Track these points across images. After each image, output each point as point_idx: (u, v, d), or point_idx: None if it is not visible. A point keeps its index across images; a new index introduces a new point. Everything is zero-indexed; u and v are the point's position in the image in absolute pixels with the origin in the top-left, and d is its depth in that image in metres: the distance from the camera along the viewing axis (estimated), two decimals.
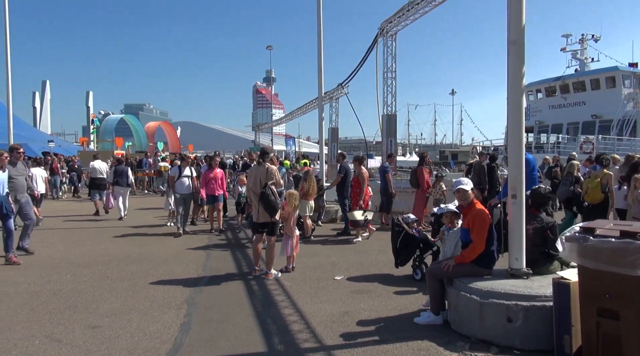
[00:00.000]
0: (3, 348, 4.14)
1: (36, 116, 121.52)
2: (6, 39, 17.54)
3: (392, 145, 18.60)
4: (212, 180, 10.61)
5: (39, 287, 6.07)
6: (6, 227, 7.48)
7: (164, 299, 5.58)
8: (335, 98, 27.51)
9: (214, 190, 10.58)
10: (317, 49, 13.81)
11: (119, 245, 8.97)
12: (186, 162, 10.65)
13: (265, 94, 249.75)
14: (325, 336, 4.45)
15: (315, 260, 7.80)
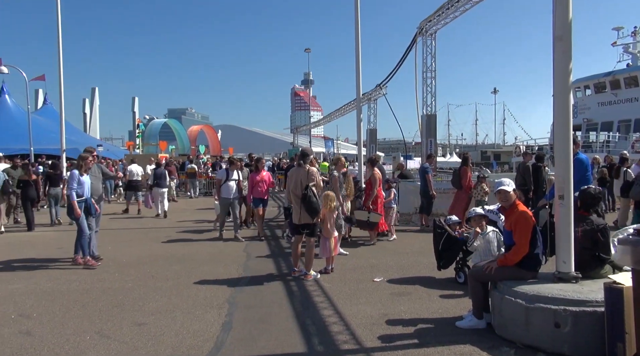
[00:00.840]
0: (57, 342, 4.35)
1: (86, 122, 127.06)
2: (59, 49, 18.46)
3: (432, 146, 18.32)
4: (259, 183, 10.11)
5: (89, 285, 6.35)
6: (81, 228, 7.57)
7: (206, 298, 5.71)
8: (373, 100, 27.37)
9: (261, 194, 10.12)
10: (355, 50, 13.77)
11: (163, 245, 9.25)
12: (235, 165, 10.44)
13: (304, 96, 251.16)
14: (365, 338, 4.42)
15: (354, 261, 7.77)
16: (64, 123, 19.75)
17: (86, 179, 7.57)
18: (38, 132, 32.11)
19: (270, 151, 70.91)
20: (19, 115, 44.18)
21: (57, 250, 8.76)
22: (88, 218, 7.60)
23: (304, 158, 6.87)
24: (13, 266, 7.46)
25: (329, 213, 7.04)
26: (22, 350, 4.16)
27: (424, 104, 18.50)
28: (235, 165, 10.48)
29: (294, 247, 6.91)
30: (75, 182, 7.37)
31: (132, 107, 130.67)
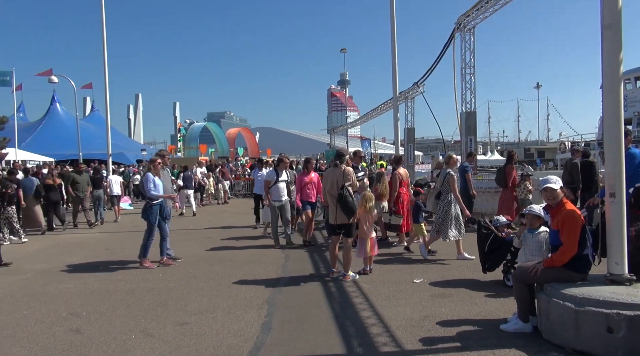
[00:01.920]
0: (104, 340, 4.50)
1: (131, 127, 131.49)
2: (104, 59, 19.22)
3: (472, 144, 17.85)
4: (307, 184, 9.45)
5: (134, 285, 6.55)
6: (163, 231, 7.85)
7: (246, 299, 5.77)
8: (410, 98, 26.99)
9: (310, 196, 9.49)
10: (391, 48, 13.65)
11: (204, 246, 9.43)
12: (284, 163, 9.65)
13: (340, 97, 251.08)
14: (405, 341, 4.34)
15: (393, 262, 7.67)
16: (109, 129, 20.56)
17: (160, 182, 7.71)
18: (86, 137, 33.56)
19: (308, 152, 71.25)
20: (69, 122, 46.42)
21: (104, 251, 9.10)
22: (162, 221, 7.76)
23: (340, 158, 6.84)
24: (63, 266, 7.78)
25: (365, 213, 6.97)
26: (72, 348, 4.33)
27: (463, 101, 18.08)
28: (285, 164, 9.71)
29: (331, 248, 6.89)
30: (152, 183, 7.54)
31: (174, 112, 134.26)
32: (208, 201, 19.72)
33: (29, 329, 4.84)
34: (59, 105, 54.83)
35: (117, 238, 10.81)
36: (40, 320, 5.11)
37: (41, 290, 6.35)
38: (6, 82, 31.25)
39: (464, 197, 10.66)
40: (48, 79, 27.24)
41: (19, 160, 28.59)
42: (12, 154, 30.80)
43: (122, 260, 8.21)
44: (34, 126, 50.88)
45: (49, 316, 5.23)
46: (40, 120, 53.55)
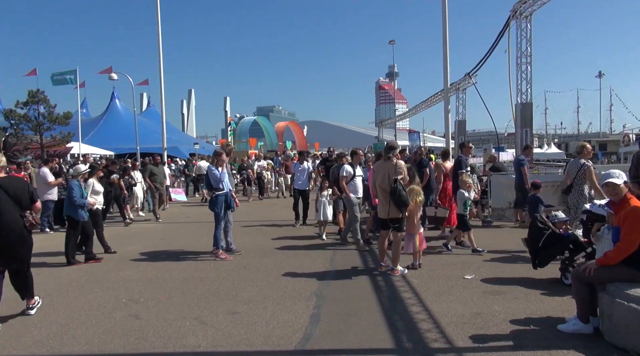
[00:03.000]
0: (161, 326, 4.71)
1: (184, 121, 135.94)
2: (159, 56, 19.95)
3: (528, 136, 17.16)
4: None
5: (188, 274, 6.79)
6: (227, 222, 7.99)
7: (295, 290, 5.85)
8: (462, 89, 26.27)
9: None
10: (442, 38, 13.30)
11: (253, 239, 9.63)
12: (358, 157, 9.01)
13: (388, 90, 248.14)
14: (456, 337, 4.25)
15: (443, 257, 7.53)
16: (164, 123, 21.37)
17: (225, 174, 7.88)
18: (143, 132, 35.02)
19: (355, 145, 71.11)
20: (127, 118, 48.61)
21: (160, 241, 9.49)
22: (227, 212, 7.95)
23: (391, 151, 6.76)
24: (123, 255, 8.17)
25: (416, 208, 6.87)
26: (131, 332, 4.56)
27: (519, 92, 17.38)
28: (359, 157, 9.04)
29: (381, 242, 6.84)
30: (217, 175, 7.72)
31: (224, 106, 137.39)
32: (267, 195, 19.33)
33: (92, 313, 5.14)
34: (118, 101, 57.57)
35: (172, 229, 11.25)
36: (102, 305, 5.41)
37: (103, 277, 6.72)
38: (71, 80, 33.14)
39: (519, 191, 10.30)
40: (108, 76, 28.65)
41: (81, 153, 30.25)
42: (75, 148, 32.67)
43: (177, 250, 8.54)
44: (95, 121, 53.71)
45: (110, 302, 5.53)
46: (101, 116, 56.47)
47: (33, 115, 31.62)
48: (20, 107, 32.01)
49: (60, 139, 33.01)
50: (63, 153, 28.62)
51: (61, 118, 32.92)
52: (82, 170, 8.22)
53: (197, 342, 4.29)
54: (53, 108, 32.43)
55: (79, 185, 7.66)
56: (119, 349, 4.18)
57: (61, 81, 32.84)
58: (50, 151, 26.89)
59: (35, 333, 4.55)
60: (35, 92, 31.60)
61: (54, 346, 4.25)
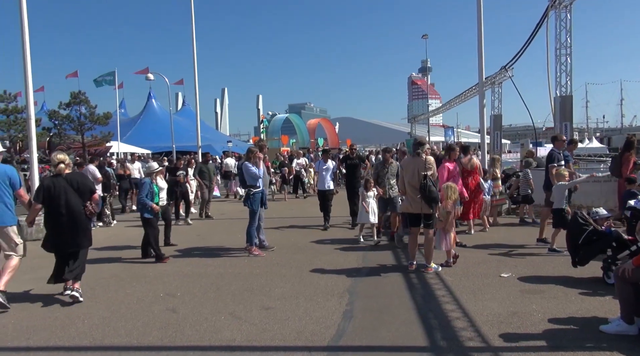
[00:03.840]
0: (197, 320, 4.82)
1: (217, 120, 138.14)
2: (194, 56, 20.33)
3: (567, 131, 16.57)
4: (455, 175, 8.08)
5: (223, 270, 6.92)
6: (260, 220, 8.05)
7: (327, 287, 5.86)
8: (497, 83, 25.62)
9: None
10: (477, 31, 12.99)
11: (286, 235, 9.71)
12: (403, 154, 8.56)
13: (421, 85, 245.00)
14: (492, 337, 4.17)
15: (478, 255, 7.38)
16: (199, 122, 21.79)
17: (260, 171, 7.90)
18: (178, 131, 35.83)
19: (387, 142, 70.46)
20: (163, 117, 49.85)
21: (195, 237, 9.70)
22: (260, 209, 8.01)
23: (420, 147, 6.67)
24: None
25: (452, 205, 6.76)
26: (169, 325, 4.69)
27: (558, 85, 16.80)
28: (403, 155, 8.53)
29: (412, 239, 6.76)
30: (253, 172, 7.80)
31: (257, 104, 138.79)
32: (310, 192, 18.34)
33: (132, 306, 5.31)
34: (154, 101, 59.08)
35: (207, 225, 11.47)
36: (141, 299, 5.58)
37: (141, 272, 6.92)
38: (110, 81, 34.28)
39: None
40: (145, 76, 29.45)
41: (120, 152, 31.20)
42: (115, 147, 33.74)
43: (212, 246, 8.71)
44: (133, 121, 55.32)
45: (149, 296, 5.70)
46: (138, 115, 58.10)
47: (75, 115, 32.83)
48: (63, 108, 33.31)
49: (100, 138, 34.15)
50: (103, 152, 29.62)
51: (101, 118, 34.07)
52: (155, 167, 8.17)
53: (232, 336, 4.37)
54: (94, 109, 33.62)
55: (150, 183, 7.73)
56: (157, 341, 4.30)
57: (102, 83, 34.04)
58: (91, 150, 27.85)
59: (79, 325, 4.74)
60: (77, 93, 32.80)
61: (97, 338, 4.42)
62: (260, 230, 8.16)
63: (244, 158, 8.53)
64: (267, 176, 8.59)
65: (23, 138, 28.50)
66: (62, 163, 5.55)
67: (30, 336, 4.49)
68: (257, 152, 8.00)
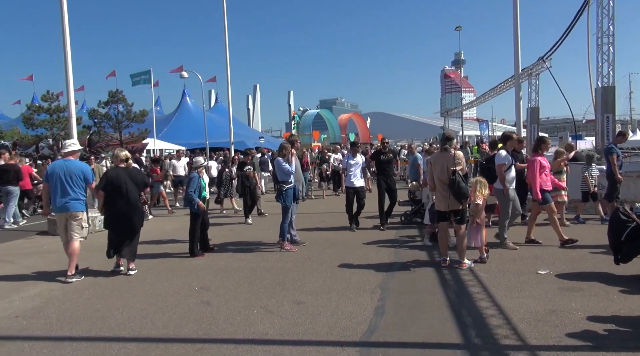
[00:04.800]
0: (230, 313, 4.90)
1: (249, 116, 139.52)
2: (226, 54, 20.60)
3: (610, 123, 15.92)
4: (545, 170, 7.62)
5: (255, 264, 7.01)
6: (292, 215, 8.06)
7: (359, 282, 5.85)
8: (534, 75, 24.85)
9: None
10: (513, 21, 12.63)
11: (317, 230, 9.73)
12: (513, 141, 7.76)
13: (454, 78, 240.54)
14: (529, 335, 4.06)
15: (513, 251, 7.19)
16: (231, 119, 22.09)
17: (292, 166, 7.94)
18: (212, 127, 36.42)
19: (420, 136, 69.62)
20: (197, 114, 50.80)
21: (228, 232, 9.86)
22: (293, 204, 8.04)
23: (448, 141, 6.54)
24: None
25: (483, 200, 6.62)
26: (203, 318, 4.79)
27: (599, 75, 16.13)
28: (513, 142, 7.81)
29: (441, 236, 6.65)
30: (286, 168, 7.85)
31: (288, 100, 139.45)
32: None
33: (168, 299, 5.45)
34: (188, 98, 60.25)
35: (240, 220, 11.62)
36: (177, 292, 5.72)
37: (177, 265, 7.09)
38: (146, 80, 35.18)
39: (608, 180, 9.55)
40: (179, 74, 30.06)
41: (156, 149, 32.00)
42: (151, 144, 34.62)
43: (244, 241, 8.83)
44: (168, 118, 56.61)
45: (184, 289, 5.83)
46: (173, 113, 59.40)
47: (113, 113, 33.84)
48: (102, 106, 34.42)
49: (137, 136, 35.11)
50: (140, 149, 30.46)
51: (138, 116, 35.02)
52: (201, 162, 8.29)
53: (265, 330, 4.42)
54: (131, 107, 34.61)
55: (199, 177, 7.83)
56: (192, 334, 4.40)
57: (139, 81, 35.03)
58: (128, 147, 28.63)
59: (118, 317, 4.90)
60: (115, 92, 33.85)
61: (135, 329, 4.56)
62: (292, 225, 8.20)
63: (277, 153, 8.56)
64: (300, 172, 8.61)
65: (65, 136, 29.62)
66: (127, 159, 6.91)
67: (73, 326, 4.67)
68: (290, 147, 8.03)
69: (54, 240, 9.45)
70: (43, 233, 10.27)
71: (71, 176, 6.45)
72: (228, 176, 12.65)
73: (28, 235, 10.27)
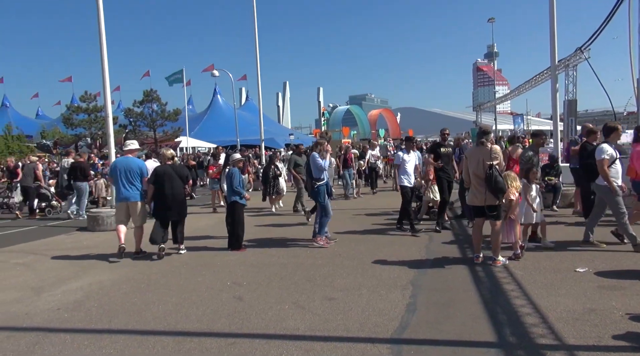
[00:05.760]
0: (262, 308, 4.96)
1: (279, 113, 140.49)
2: (256, 52, 20.78)
3: None
4: None
5: (286, 260, 7.06)
6: (327, 209, 8.02)
7: (390, 279, 5.81)
8: (572, 66, 24.03)
9: None
10: (549, 9, 12.23)
11: (348, 226, 9.69)
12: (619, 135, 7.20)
13: (487, 71, 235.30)
14: (566, 334, 3.94)
15: (549, 248, 6.99)
16: (262, 116, 22.29)
17: (326, 163, 8.01)
18: (243, 125, 36.89)
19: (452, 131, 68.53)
20: (228, 112, 51.55)
21: (259, 229, 9.96)
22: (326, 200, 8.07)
23: (485, 136, 6.41)
24: (226, 241, 8.64)
25: (514, 194, 6.45)
26: (236, 313, 4.86)
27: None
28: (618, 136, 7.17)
29: (476, 232, 6.52)
30: (321, 164, 7.91)
31: (317, 97, 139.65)
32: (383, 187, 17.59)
33: (202, 294, 5.56)
34: (219, 96, 61.14)
35: (271, 217, 11.73)
36: (210, 287, 5.83)
37: (210, 261, 7.22)
38: (179, 79, 35.93)
39: None
40: (211, 73, 30.57)
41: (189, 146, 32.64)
42: (184, 142, 35.34)
43: (275, 237, 8.91)
44: (200, 116, 57.67)
45: (217, 284, 5.94)
46: (205, 111, 60.43)
47: (148, 112, 34.67)
48: (137, 106, 35.34)
49: (170, 134, 35.88)
50: (173, 147, 31.19)
51: (171, 114, 35.78)
52: (238, 157, 8.45)
53: (296, 325, 4.45)
54: (164, 106, 35.41)
55: (239, 172, 8.02)
56: (225, 328, 4.48)
57: (174, 81, 35.88)
58: (162, 145, 29.35)
59: (154, 310, 5.03)
60: (149, 92, 34.70)
61: (170, 323, 4.67)
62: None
63: (312, 149, 8.52)
64: (332, 168, 8.61)
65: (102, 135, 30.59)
66: (172, 157, 7.95)
67: (112, 319, 4.83)
68: (326, 143, 8.05)
69: (93, 236, 9.81)
70: (82, 229, 10.65)
71: (130, 171, 7.58)
72: (273, 173, 12.39)
73: (69, 231, 10.67)
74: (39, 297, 5.66)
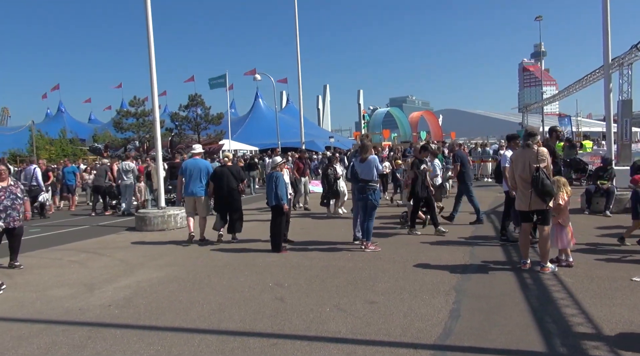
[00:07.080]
0: (303, 310, 4.98)
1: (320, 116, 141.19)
2: (297, 57, 20.99)
3: None
4: None
5: (327, 263, 7.07)
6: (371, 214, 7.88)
7: (433, 283, 5.71)
8: (627, 64, 22.84)
9: None
10: (602, 5, 11.69)
11: (388, 230, 9.61)
12: None
13: (534, 71, 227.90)
14: (622, 346, 3.74)
15: (602, 255, 6.67)
16: (302, 119, 22.47)
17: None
18: (283, 128, 37.33)
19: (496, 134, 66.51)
20: (269, 115, 52.30)
21: (300, 231, 10.01)
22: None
23: (531, 138, 6.18)
24: (268, 242, 8.77)
25: (564, 198, 6.20)
26: (277, 314, 4.91)
27: None
28: None
29: (523, 237, 6.30)
30: (380, 167, 7.93)
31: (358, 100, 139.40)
32: None
33: (244, 294, 5.65)
34: (261, 100, 62.13)
35: (310, 219, 11.78)
36: (252, 287, 5.92)
37: (252, 262, 7.33)
38: (222, 83, 36.80)
39: None
40: (253, 77, 31.13)
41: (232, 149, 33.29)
42: (226, 145, 36.14)
43: (315, 240, 8.93)
44: (242, 120, 58.75)
45: (259, 285, 6.02)
46: (247, 115, 61.55)
47: (192, 116, 35.70)
48: (182, 110, 36.45)
49: (214, 137, 36.79)
50: (216, 150, 31.93)
51: (215, 118, 36.68)
52: (279, 160, 8.67)
53: (337, 328, 4.44)
54: (208, 110, 36.36)
55: (282, 176, 8.20)
56: (267, 329, 4.53)
57: (216, 85, 36.82)
58: (206, 148, 30.12)
59: (199, 310, 5.16)
60: (194, 96, 35.75)
61: (214, 322, 4.77)
62: (359, 223, 8.15)
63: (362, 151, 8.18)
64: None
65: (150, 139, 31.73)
66: (228, 159, 9.40)
67: (159, 316, 4.99)
68: (377, 146, 8.08)
69: (142, 235, 10.17)
70: (131, 229, 11.06)
71: (199, 171, 8.93)
72: (332, 175, 11.90)
73: (118, 231, 11.11)
74: (91, 294, 5.93)
